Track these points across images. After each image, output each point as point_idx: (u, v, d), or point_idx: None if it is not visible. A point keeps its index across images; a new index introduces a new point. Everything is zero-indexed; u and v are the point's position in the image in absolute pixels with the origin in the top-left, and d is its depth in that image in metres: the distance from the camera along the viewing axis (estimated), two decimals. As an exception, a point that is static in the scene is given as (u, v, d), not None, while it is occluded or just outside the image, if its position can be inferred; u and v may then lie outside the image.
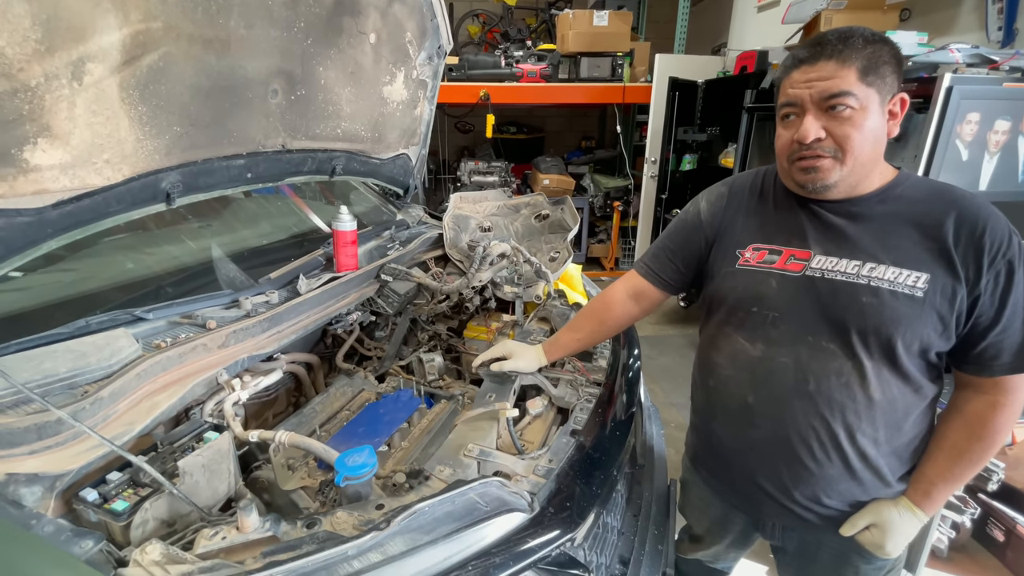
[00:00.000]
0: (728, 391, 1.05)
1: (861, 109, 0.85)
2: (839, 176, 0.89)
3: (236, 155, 1.30)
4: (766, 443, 1.00)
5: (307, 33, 1.32)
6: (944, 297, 0.86)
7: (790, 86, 0.90)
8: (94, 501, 0.79)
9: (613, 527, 1.12)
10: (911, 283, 0.87)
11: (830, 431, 0.93)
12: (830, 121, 0.87)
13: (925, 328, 0.87)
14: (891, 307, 0.87)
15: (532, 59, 4.42)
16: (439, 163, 5.49)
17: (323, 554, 0.69)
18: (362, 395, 1.53)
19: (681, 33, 4.81)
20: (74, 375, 0.90)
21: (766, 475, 1.02)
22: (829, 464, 0.95)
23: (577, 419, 1.13)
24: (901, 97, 0.89)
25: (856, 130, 0.86)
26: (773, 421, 0.98)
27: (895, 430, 0.93)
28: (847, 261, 0.92)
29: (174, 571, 0.66)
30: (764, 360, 0.98)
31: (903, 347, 0.88)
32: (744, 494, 1.10)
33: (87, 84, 0.90)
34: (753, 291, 0.99)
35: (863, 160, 0.89)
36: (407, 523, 0.75)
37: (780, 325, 0.96)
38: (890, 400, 0.91)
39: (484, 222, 2.12)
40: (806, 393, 0.94)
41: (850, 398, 0.92)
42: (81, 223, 1.01)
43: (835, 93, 0.85)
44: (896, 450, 0.95)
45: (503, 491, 0.86)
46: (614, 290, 1.26)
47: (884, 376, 0.90)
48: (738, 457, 1.07)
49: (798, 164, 0.92)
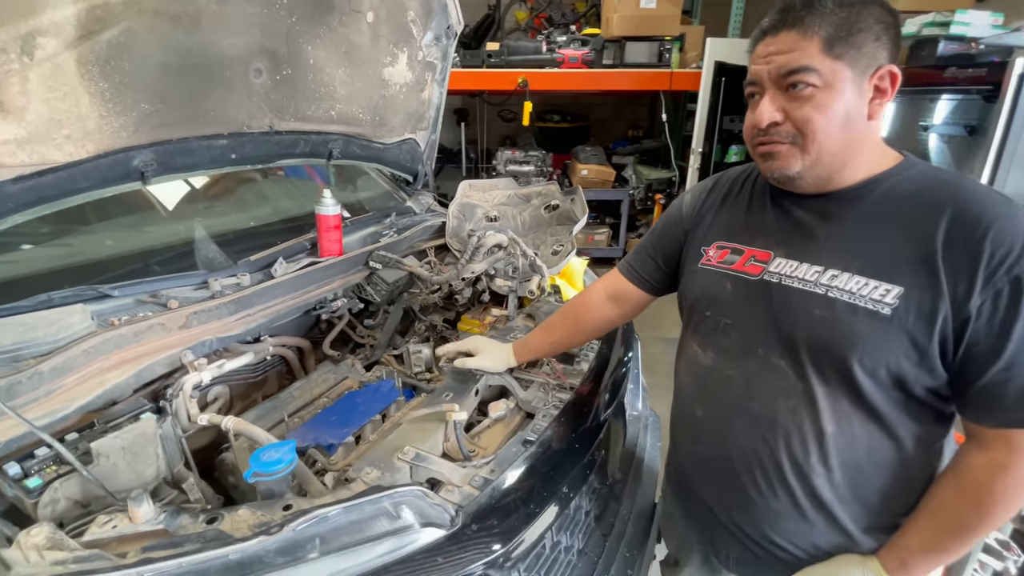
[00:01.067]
0: (681, 400, 0.97)
1: (825, 87, 0.72)
2: (801, 166, 0.76)
3: (216, 135, 1.29)
4: (711, 462, 0.91)
5: (291, 10, 1.28)
6: (919, 316, 0.70)
7: (753, 62, 0.79)
8: (14, 475, 0.80)
9: (569, 547, 1.03)
10: (877, 296, 0.72)
11: (774, 460, 0.81)
12: (789, 102, 0.75)
13: (892, 353, 0.71)
14: (846, 323, 0.73)
15: (575, 44, 4.25)
16: (478, 152, 5.44)
17: (200, 556, 0.65)
18: (345, 383, 1.51)
19: (737, 14, 4.47)
20: (18, 348, 0.91)
21: (713, 497, 0.92)
22: (773, 497, 0.82)
23: (535, 427, 1.04)
24: (890, 70, 0.73)
25: (818, 112, 0.73)
26: (716, 439, 0.88)
27: (856, 473, 0.78)
28: (807, 266, 0.78)
29: (49, 557, 0.64)
30: (713, 371, 0.88)
31: (863, 373, 0.73)
32: (697, 515, 0.99)
33: (39, 59, 0.90)
34: (709, 293, 0.89)
35: (831, 148, 0.75)
36: (302, 530, 0.70)
37: (731, 333, 0.86)
38: (848, 437, 0.77)
39: (491, 211, 2.04)
40: (748, 413, 0.83)
41: (797, 426, 0.78)
42: (46, 199, 1.03)
43: (792, 69, 0.72)
44: (860, 496, 0.79)
45: (424, 502, 0.79)
46: (592, 290, 1.16)
47: (842, 407, 0.76)
48: (689, 474, 0.98)
49: (758, 150, 0.80)
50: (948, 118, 2.42)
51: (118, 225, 1.53)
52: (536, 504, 0.88)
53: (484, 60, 4.19)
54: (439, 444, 1.01)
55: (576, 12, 5.19)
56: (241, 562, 0.66)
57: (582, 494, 1.04)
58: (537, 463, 0.95)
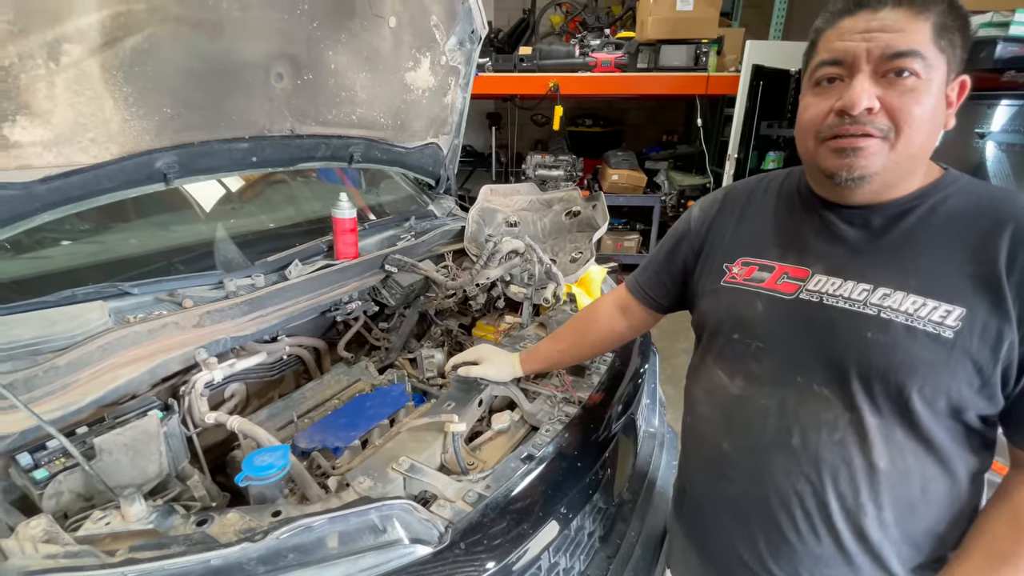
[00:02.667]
0: (702, 432, 0.88)
1: (927, 80, 0.64)
2: (882, 165, 0.68)
3: (238, 138, 1.31)
4: (741, 501, 0.82)
5: (312, 16, 1.30)
6: (984, 341, 0.64)
7: (838, 37, 0.68)
8: (25, 466, 0.82)
9: (568, 569, 0.99)
10: (938, 319, 0.65)
11: (819, 500, 0.73)
12: (888, 89, 0.65)
13: (954, 380, 0.65)
14: (905, 348, 0.66)
15: (609, 48, 4.19)
16: (509, 156, 5.44)
17: (183, 559, 0.65)
18: (357, 385, 1.52)
19: (779, 16, 4.30)
20: (38, 342, 0.94)
21: (741, 540, 0.83)
22: (815, 541, 0.74)
23: (536, 442, 1.01)
24: (962, 80, 0.68)
25: (919, 105, 0.65)
26: (749, 477, 0.80)
27: (908, 511, 0.71)
28: (853, 284, 0.72)
29: (43, 550, 0.66)
30: (742, 400, 0.80)
31: (922, 403, 0.66)
32: (719, 558, 0.90)
33: (65, 64, 0.94)
34: (735, 314, 0.81)
35: (915, 149, 0.67)
36: (286, 539, 0.69)
37: (764, 359, 0.78)
38: (901, 472, 0.69)
39: (512, 216, 2.02)
40: (788, 447, 0.75)
41: (845, 461, 0.71)
42: (72, 199, 1.07)
43: (902, 51, 0.63)
44: (910, 536, 0.72)
45: (413, 516, 0.78)
46: (603, 301, 1.12)
47: (895, 439, 0.69)
48: (712, 513, 0.89)
49: (831, 144, 0.70)
50: (1007, 125, 2.25)
51: (149, 224, 1.59)
52: (532, 524, 0.85)
53: (516, 64, 4.19)
54: (437, 455, 0.99)
55: (611, 16, 5.13)
56: (222, 568, 0.66)
57: (584, 514, 1.00)
58: (536, 480, 0.92)
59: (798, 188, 0.83)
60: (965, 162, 2.38)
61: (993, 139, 2.31)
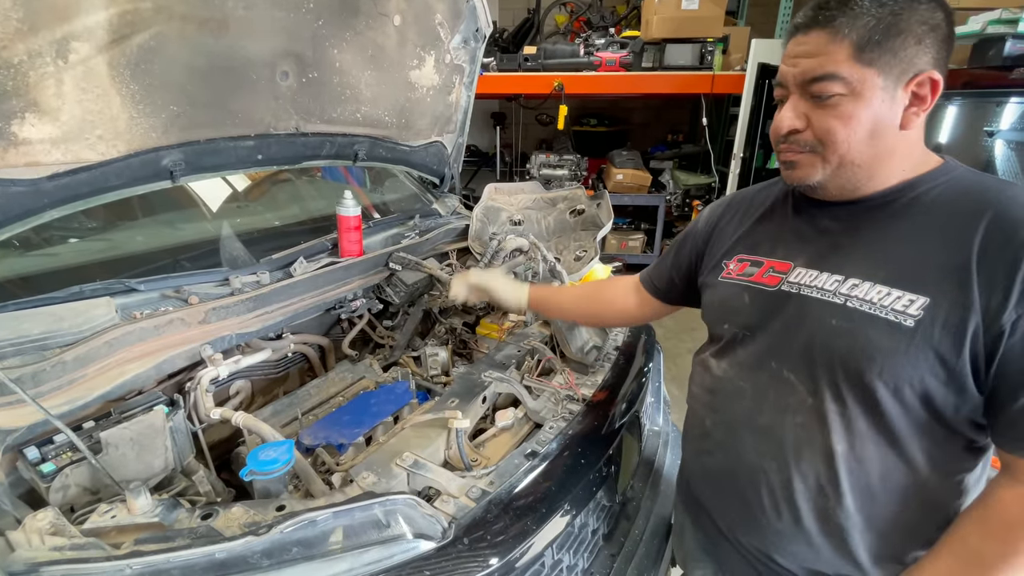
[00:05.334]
0: (693, 409, 0.96)
1: (852, 95, 0.68)
2: (823, 176, 0.73)
3: (244, 136, 1.32)
4: (718, 475, 0.89)
5: (317, 14, 1.30)
6: (946, 329, 0.63)
7: (783, 60, 0.74)
8: (33, 459, 0.83)
9: (572, 566, 0.99)
10: (900, 308, 0.66)
11: (783, 478, 0.77)
12: (813, 109, 0.71)
13: (916, 369, 0.65)
14: (865, 335, 0.68)
15: (613, 47, 4.19)
16: (514, 155, 5.44)
17: (187, 552, 0.65)
18: (361, 382, 1.52)
19: (785, 14, 4.28)
20: (46, 338, 0.95)
21: (718, 511, 0.90)
22: (777, 518, 0.78)
23: (540, 439, 1.01)
24: (930, 76, 0.67)
25: (841, 123, 0.69)
26: (725, 452, 0.86)
27: (868, 498, 0.72)
28: (828, 275, 0.74)
29: (49, 542, 0.66)
30: (724, 381, 0.87)
31: (884, 390, 0.67)
32: (704, 529, 0.96)
33: (73, 62, 0.94)
34: (727, 305, 0.87)
35: (854, 159, 0.70)
36: (290, 532, 0.70)
37: (748, 345, 0.83)
38: (860, 458, 0.71)
39: (516, 215, 2.02)
40: (757, 427, 0.80)
41: (807, 444, 0.74)
42: (80, 196, 1.08)
43: (817, 76, 0.68)
44: (872, 523, 0.73)
45: (416, 511, 0.78)
46: (621, 278, 1.18)
47: (856, 426, 0.70)
48: (697, 486, 0.96)
49: (779, 157, 0.78)
50: (1016, 123, 2.22)
51: (155, 222, 1.60)
52: (535, 520, 0.85)
53: (520, 64, 4.19)
54: (441, 451, 0.99)
55: (616, 15, 5.12)
56: (226, 561, 0.66)
57: (588, 511, 1.00)
58: (539, 477, 0.92)
59: (793, 191, 0.86)
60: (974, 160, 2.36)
61: (1002, 137, 2.29)
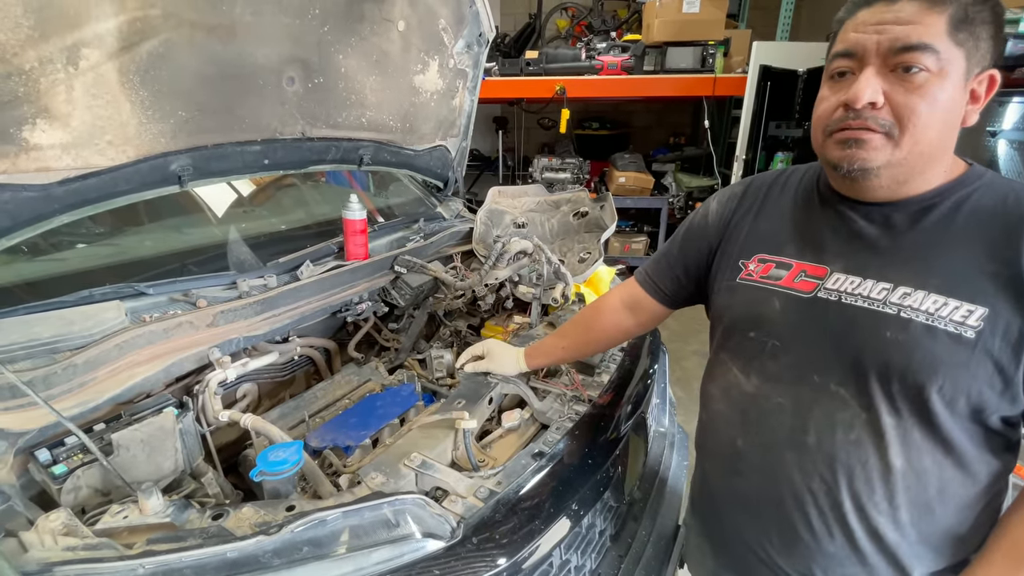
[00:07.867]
0: (717, 429, 0.88)
1: (939, 75, 0.63)
2: (886, 160, 0.67)
3: (250, 141, 1.33)
4: (755, 498, 0.82)
5: (323, 20, 1.32)
6: (1007, 341, 0.63)
7: (853, 29, 0.67)
8: (44, 461, 0.84)
9: (580, 567, 0.99)
10: (959, 318, 0.64)
11: (833, 499, 0.73)
12: (894, 84, 0.64)
13: (975, 381, 0.64)
14: (925, 348, 0.65)
15: (615, 51, 4.20)
16: (516, 159, 5.45)
17: (199, 552, 0.66)
18: (367, 385, 1.52)
19: (785, 18, 4.29)
20: (56, 341, 0.96)
21: (755, 536, 0.83)
22: (829, 539, 0.74)
23: (547, 439, 1.01)
24: (991, 74, 0.66)
25: (926, 103, 0.63)
26: (763, 474, 0.79)
27: (924, 512, 0.70)
28: (873, 283, 0.70)
29: (62, 542, 0.67)
30: (757, 398, 0.80)
31: (941, 403, 0.65)
32: (734, 554, 0.90)
33: (83, 69, 0.96)
34: (752, 312, 0.81)
35: (924, 147, 0.66)
36: (301, 532, 0.70)
37: (780, 357, 0.77)
38: (918, 472, 0.69)
39: (519, 218, 2.03)
40: (803, 446, 0.74)
41: (860, 461, 0.70)
42: (89, 201, 1.09)
43: (911, 45, 0.62)
44: (926, 537, 0.71)
45: (425, 511, 0.78)
46: (609, 296, 1.12)
47: (912, 439, 0.68)
48: (727, 509, 0.89)
49: (836, 136, 0.69)
50: (1019, 123, 2.23)
51: (164, 227, 1.61)
52: (543, 520, 0.85)
53: (522, 68, 4.21)
54: (448, 452, 1.00)
55: (617, 19, 5.14)
56: (238, 561, 0.66)
57: (596, 512, 1.00)
58: (546, 477, 0.92)
59: (817, 184, 0.82)
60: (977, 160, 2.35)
61: (1005, 137, 2.29)
